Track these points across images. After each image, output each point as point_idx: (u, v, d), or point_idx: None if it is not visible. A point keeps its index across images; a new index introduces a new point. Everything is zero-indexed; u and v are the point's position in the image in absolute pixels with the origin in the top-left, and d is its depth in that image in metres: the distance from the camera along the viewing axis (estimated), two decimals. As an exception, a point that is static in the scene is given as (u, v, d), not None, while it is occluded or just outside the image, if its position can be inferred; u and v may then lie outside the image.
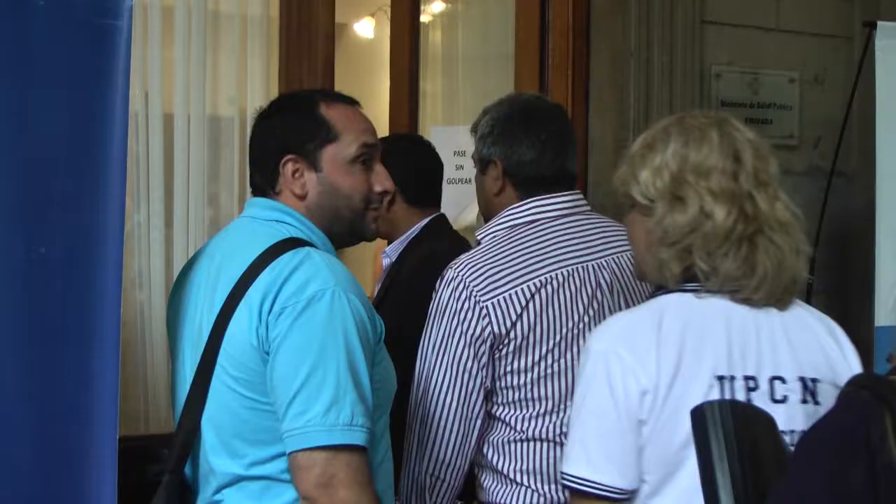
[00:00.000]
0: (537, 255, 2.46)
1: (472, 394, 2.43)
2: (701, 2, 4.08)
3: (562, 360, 2.43)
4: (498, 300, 2.41)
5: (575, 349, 2.40)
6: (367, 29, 6.95)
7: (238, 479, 2.08)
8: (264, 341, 2.01)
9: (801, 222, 1.96)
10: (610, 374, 1.82)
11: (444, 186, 4.35)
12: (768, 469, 1.59)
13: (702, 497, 1.62)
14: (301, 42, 3.62)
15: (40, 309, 1.85)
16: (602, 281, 2.49)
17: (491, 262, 2.45)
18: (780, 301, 1.91)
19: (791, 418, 1.84)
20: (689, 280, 1.89)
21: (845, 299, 4.37)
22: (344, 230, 2.23)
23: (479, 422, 2.45)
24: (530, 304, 2.42)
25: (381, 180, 2.24)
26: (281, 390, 1.99)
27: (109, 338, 1.90)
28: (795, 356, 1.89)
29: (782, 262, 1.88)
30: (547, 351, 2.43)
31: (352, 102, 2.29)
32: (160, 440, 2.24)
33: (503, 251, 2.47)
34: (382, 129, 4.11)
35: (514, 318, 2.41)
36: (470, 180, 4.17)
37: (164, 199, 3.40)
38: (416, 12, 4.58)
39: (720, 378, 1.82)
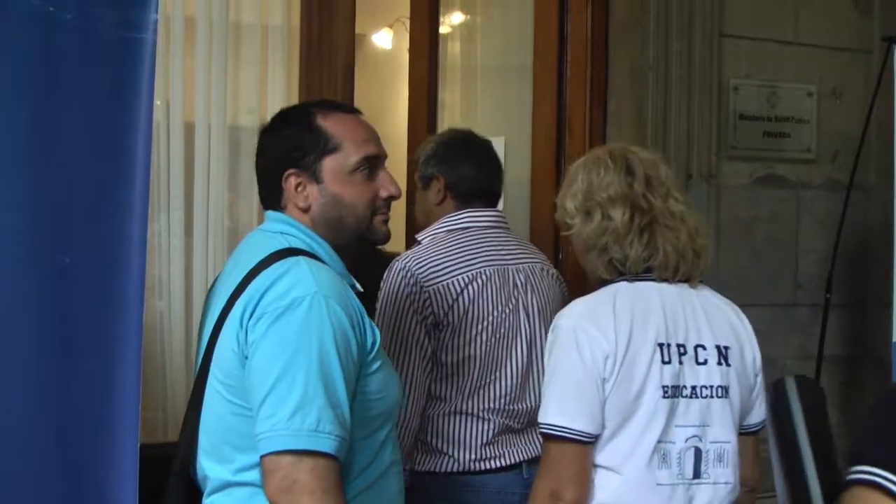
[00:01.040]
0: (470, 254, 2.95)
1: (424, 361, 2.86)
2: (719, 15, 4.09)
3: (485, 345, 2.90)
4: (438, 287, 2.87)
5: (495, 336, 2.92)
6: (386, 40, 6.97)
7: (227, 485, 2.10)
8: (243, 346, 2.03)
9: (696, 214, 2.45)
10: (578, 344, 2.27)
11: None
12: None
13: (649, 436, 2.25)
14: (321, 53, 3.63)
15: (64, 317, 1.87)
16: (518, 282, 2.99)
17: (433, 257, 2.92)
18: (690, 278, 2.40)
19: (710, 377, 2.33)
20: (617, 273, 2.40)
21: (863, 314, 4.37)
22: (351, 238, 2.24)
23: (426, 388, 2.88)
24: (464, 293, 2.88)
25: (388, 186, 2.25)
26: (253, 393, 2.00)
27: (131, 346, 1.92)
28: (711, 327, 2.36)
29: (678, 243, 2.37)
30: (476, 334, 2.89)
31: (351, 111, 2.31)
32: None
33: (442, 249, 2.95)
34: (400, 140, 4.14)
35: (450, 302, 2.86)
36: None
37: (184, 207, 3.41)
38: (435, 23, 4.58)
39: (660, 345, 2.30)
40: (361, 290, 2.25)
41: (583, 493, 2.25)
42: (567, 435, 2.23)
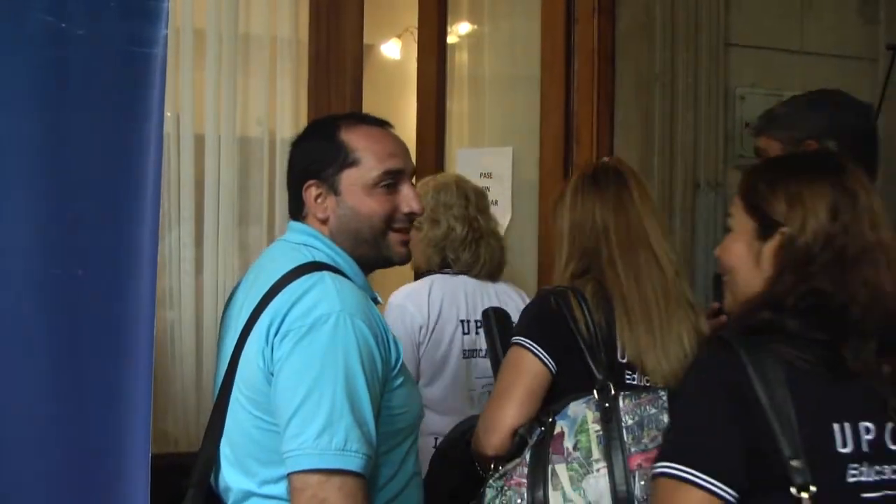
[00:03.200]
0: None
1: None
2: (725, 24, 4.10)
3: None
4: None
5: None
6: (394, 50, 6.98)
7: (249, 496, 2.11)
8: (269, 363, 2.04)
9: (501, 235, 3.67)
10: (403, 316, 3.36)
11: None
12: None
13: (457, 384, 3.41)
14: (330, 64, 3.65)
15: (76, 329, 1.87)
16: None
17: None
18: (493, 277, 3.53)
19: None
20: (443, 267, 3.50)
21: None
22: (369, 253, 2.24)
23: None
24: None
25: (409, 201, 2.24)
26: (280, 411, 2.01)
27: (143, 357, 1.93)
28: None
29: (493, 254, 3.52)
30: None
31: (381, 124, 2.30)
32: (191, 458, 2.27)
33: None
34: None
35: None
36: (497, 202, 4.21)
37: (194, 218, 3.42)
38: (442, 34, 4.61)
39: (461, 321, 3.43)
40: (382, 301, 2.26)
41: None
42: None
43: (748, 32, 4.15)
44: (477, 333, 3.41)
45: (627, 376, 2.54)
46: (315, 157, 2.23)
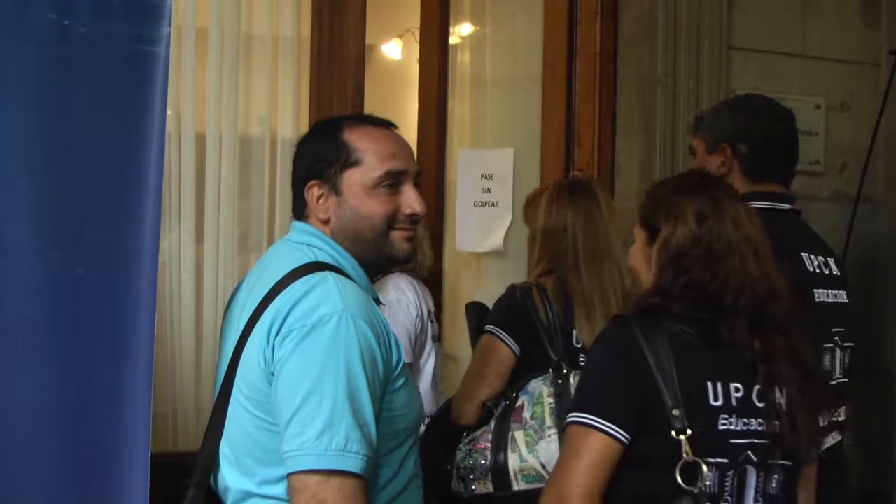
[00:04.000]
0: None
1: None
2: (727, 28, 4.09)
3: None
4: None
5: None
6: (395, 51, 6.99)
7: (249, 496, 2.10)
8: (270, 362, 2.03)
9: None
10: (408, 308, 3.53)
11: (470, 209, 4.38)
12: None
13: (428, 367, 3.61)
14: (331, 64, 3.65)
15: (76, 327, 1.88)
16: None
17: None
18: (423, 277, 3.75)
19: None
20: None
21: (870, 325, 4.36)
22: (370, 253, 2.23)
23: None
24: None
25: (411, 202, 2.23)
26: (281, 411, 2.00)
27: (143, 356, 1.93)
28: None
29: (425, 259, 3.72)
30: None
31: (385, 125, 2.29)
32: (190, 457, 2.27)
33: None
34: (410, 151, 4.15)
35: None
36: (498, 203, 4.21)
37: (195, 217, 3.42)
38: (444, 35, 4.61)
39: (429, 311, 3.67)
40: (384, 303, 2.26)
41: None
42: None
43: (750, 36, 4.15)
44: (434, 322, 3.80)
45: (581, 359, 2.99)
46: (318, 156, 2.23)
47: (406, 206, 2.23)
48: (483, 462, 2.90)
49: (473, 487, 2.74)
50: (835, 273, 2.89)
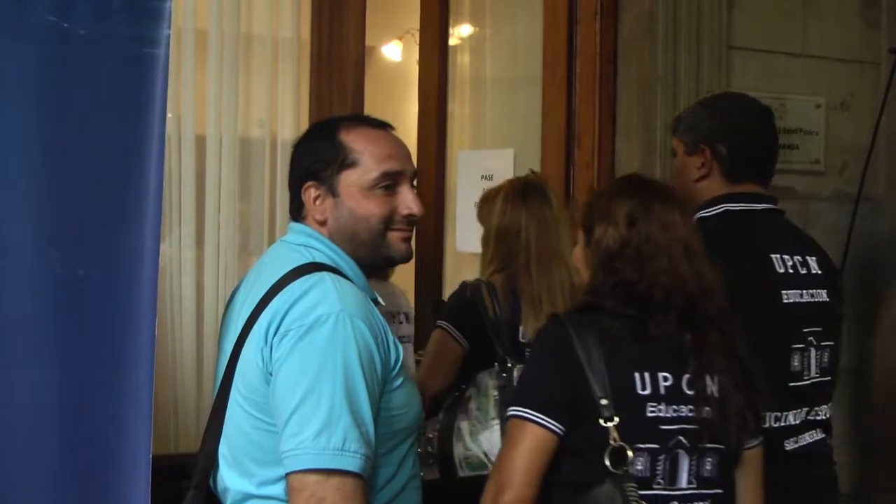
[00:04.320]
0: None
1: None
2: (727, 27, 4.09)
3: None
4: None
5: None
6: (395, 52, 7.00)
7: (248, 497, 2.11)
8: (268, 363, 2.03)
9: None
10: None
11: (470, 209, 4.38)
12: None
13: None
14: (331, 65, 3.64)
15: (77, 329, 1.88)
16: None
17: None
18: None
19: (409, 328, 3.96)
20: None
21: (871, 326, 4.36)
22: (368, 254, 2.23)
23: None
24: None
25: (409, 203, 2.24)
26: (279, 411, 2.00)
27: (144, 358, 1.93)
28: (401, 301, 3.91)
29: None
30: None
31: (382, 126, 2.30)
32: (190, 459, 2.27)
33: None
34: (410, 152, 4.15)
35: None
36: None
37: (195, 219, 3.42)
38: (444, 36, 4.61)
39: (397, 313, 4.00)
40: (383, 304, 2.26)
41: None
42: None
43: (750, 35, 4.14)
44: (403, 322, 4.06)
45: (527, 354, 2.98)
46: (315, 157, 2.23)
47: (403, 207, 2.23)
48: (430, 450, 3.10)
49: (422, 474, 2.83)
50: (814, 272, 2.87)
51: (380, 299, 2.26)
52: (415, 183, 2.29)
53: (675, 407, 2.31)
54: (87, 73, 1.87)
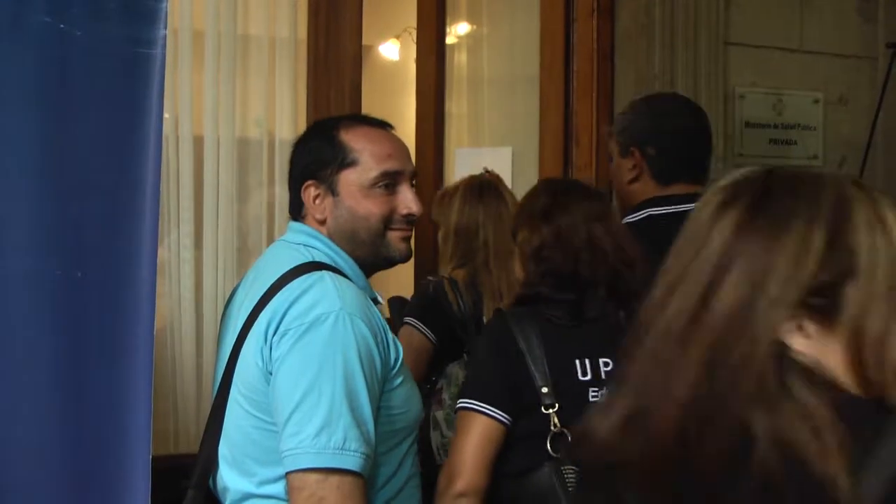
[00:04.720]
0: None
1: None
2: (725, 23, 4.10)
3: None
4: None
5: None
6: (393, 51, 6.98)
7: (248, 497, 2.11)
8: (268, 362, 2.03)
9: None
10: None
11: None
12: None
13: None
14: (328, 64, 3.64)
15: (75, 330, 1.87)
16: None
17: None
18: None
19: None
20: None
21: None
22: (367, 253, 2.24)
23: None
24: None
25: (408, 203, 2.24)
26: (279, 410, 2.00)
27: (143, 358, 1.93)
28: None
29: None
30: None
31: (381, 125, 2.30)
32: (190, 459, 2.27)
33: None
34: (408, 151, 4.15)
35: None
36: (496, 202, 4.19)
37: (193, 219, 3.42)
38: (441, 34, 4.60)
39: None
40: (383, 302, 2.26)
41: None
42: None
43: (747, 31, 4.15)
44: None
45: None
46: (314, 157, 2.24)
47: (402, 206, 2.24)
48: None
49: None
50: None
51: (379, 298, 2.26)
52: (414, 182, 2.30)
53: None
54: (83, 74, 1.87)
